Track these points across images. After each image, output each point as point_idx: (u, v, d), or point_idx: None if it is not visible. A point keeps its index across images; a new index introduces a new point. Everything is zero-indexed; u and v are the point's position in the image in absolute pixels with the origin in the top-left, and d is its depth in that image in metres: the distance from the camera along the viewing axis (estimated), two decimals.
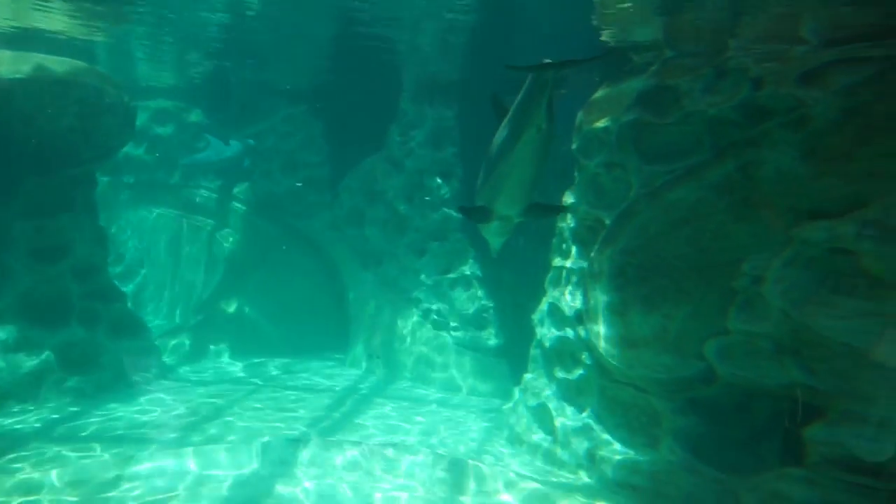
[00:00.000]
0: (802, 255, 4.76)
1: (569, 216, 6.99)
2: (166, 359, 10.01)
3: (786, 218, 4.95)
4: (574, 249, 6.89)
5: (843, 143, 4.67)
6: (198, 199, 12.45)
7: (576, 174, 6.93)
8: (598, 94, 6.66)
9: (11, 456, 6.07)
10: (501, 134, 5.57)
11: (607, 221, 6.20)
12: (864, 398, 4.29)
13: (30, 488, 5.42)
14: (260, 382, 9.65)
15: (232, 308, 11.56)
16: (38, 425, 7.18)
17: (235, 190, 12.31)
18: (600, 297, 6.09)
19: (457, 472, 5.93)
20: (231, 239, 11.94)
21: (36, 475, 5.63)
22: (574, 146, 6.77)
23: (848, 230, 4.50)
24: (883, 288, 4.35)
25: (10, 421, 7.30)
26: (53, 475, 5.62)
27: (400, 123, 10.81)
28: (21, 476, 5.61)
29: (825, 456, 4.29)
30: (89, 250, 9.02)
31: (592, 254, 6.25)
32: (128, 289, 11.25)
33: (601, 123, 6.31)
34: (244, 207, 12.15)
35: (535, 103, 5.22)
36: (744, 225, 5.19)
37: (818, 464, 4.30)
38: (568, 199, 7.05)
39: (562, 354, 6.87)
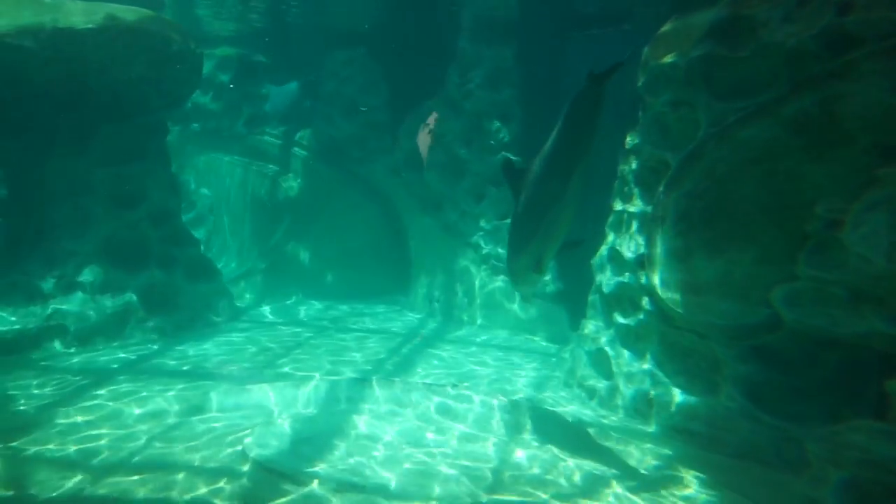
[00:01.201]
0: (893, 199, 4.43)
1: (630, 158, 6.76)
2: (237, 302, 10.50)
3: (869, 157, 4.60)
4: (636, 193, 6.68)
5: None
6: (262, 146, 12.72)
7: (640, 114, 6.65)
8: (666, 27, 6.28)
9: (101, 389, 6.58)
10: (541, 173, 5.02)
11: (672, 163, 5.96)
12: None
13: (117, 418, 5.88)
14: (325, 325, 10.01)
15: (297, 253, 11.94)
16: (123, 361, 7.73)
17: (297, 136, 12.49)
18: (663, 242, 5.91)
19: (515, 414, 6.02)
20: (295, 185, 12.20)
21: (121, 406, 6.09)
22: (639, 84, 6.48)
23: None
24: None
25: (99, 357, 7.89)
26: (137, 407, 6.07)
27: (459, 64, 10.59)
28: (109, 407, 6.08)
29: None
30: (163, 197, 9.43)
31: (656, 197, 6.04)
32: (199, 234, 11.73)
33: (669, 59, 5.98)
34: (306, 153, 12.34)
35: (587, 128, 4.74)
36: (821, 165, 4.85)
37: None
38: (631, 140, 6.80)
39: (621, 300, 6.77)
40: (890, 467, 4.05)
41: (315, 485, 4.70)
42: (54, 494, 4.60)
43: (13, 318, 8.03)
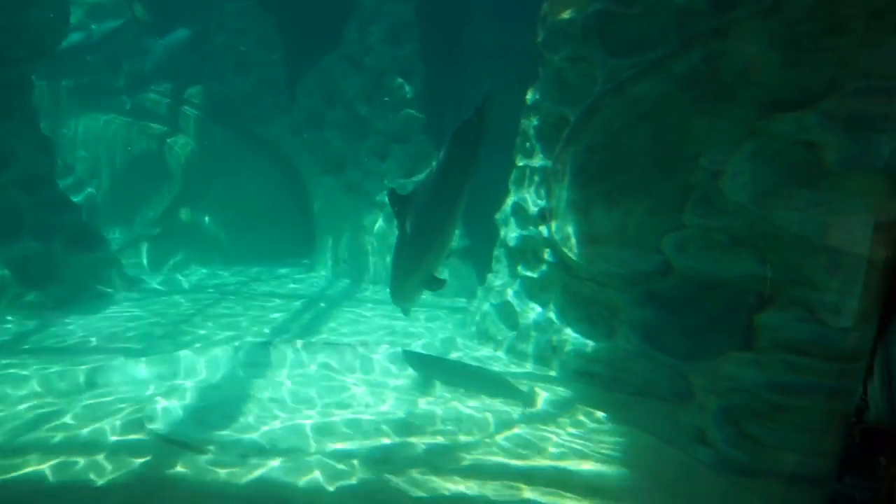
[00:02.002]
0: (766, 149, 4.78)
1: (531, 114, 6.87)
2: (128, 271, 9.85)
3: (748, 111, 4.92)
4: (538, 148, 6.82)
5: (815, 32, 4.57)
6: (147, 104, 11.82)
7: (540, 70, 6.74)
8: None
9: None
10: (429, 200, 5.37)
11: (571, 118, 6.10)
12: (813, 285, 4.47)
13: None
14: (226, 290, 9.64)
15: (192, 218, 11.32)
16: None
17: (186, 93, 11.70)
18: (563, 195, 6.11)
19: (424, 366, 6.10)
20: (186, 146, 11.48)
21: (4, 386, 5.61)
22: (539, 39, 6.55)
23: (813, 121, 4.51)
24: (835, 178, 4.44)
25: None
26: (17, 388, 5.61)
27: (358, 18, 10.26)
28: None
29: (773, 340, 4.52)
30: (34, 159, 8.59)
31: (556, 152, 6.19)
32: (80, 200, 10.85)
33: (566, 15, 6.07)
34: (197, 112, 11.61)
35: (470, 156, 5.17)
36: (705, 119, 5.16)
37: (766, 348, 4.54)
38: (532, 96, 6.90)
39: (525, 253, 6.96)
40: (754, 392, 4.50)
41: (220, 451, 4.57)
42: None
43: None
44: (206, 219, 11.34)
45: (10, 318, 7.82)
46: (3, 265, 8.02)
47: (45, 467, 4.39)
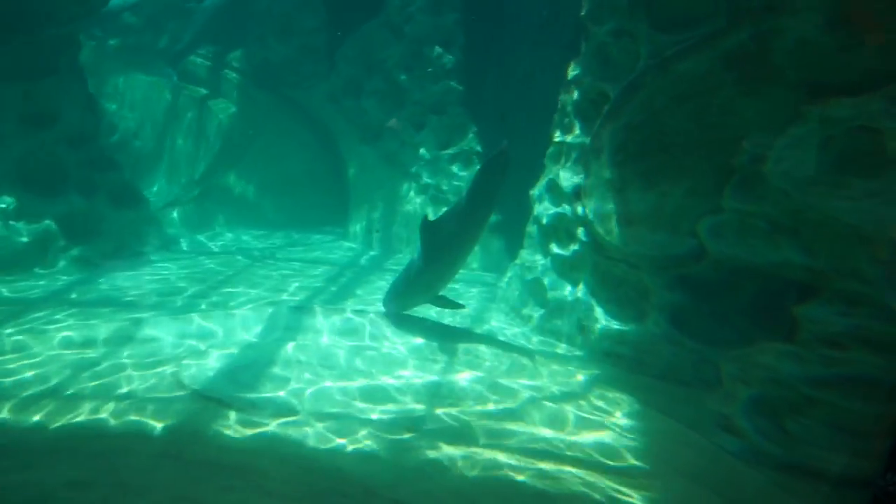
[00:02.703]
0: (817, 134, 4.56)
1: (571, 90, 6.75)
2: (167, 230, 10.10)
3: (796, 93, 4.73)
4: (576, 124, 6.72)
5: (879, 10, 4.34)
6: (189, 67, 11.98)
7: (582, 44, 6.59)
8: None
9: (23, 319, 6.28)
10: (456, 230, 5.97)
11: (612, 95, 5.97)
12: (862, 278, 4.31)
13: (43, 348, 5.65)
14: (259, 254, 9.82)
15: (230, 181, 11.52)
16: (45, 290, 7.37)
17: (229, 57, 11.80)
18: (600, 174, 6.01)
19: (453, 338, 6.15)
20: (226, 110, 11.62)
21: (47, 336, 5.84)
22: (583, 12, 6.40)
23: (878, 107, 4.26)
24: None
25: (17, 286, 7.49)
26: (64, 337, 5.84)
27: None
28: (34, 337, 5.82)
29: (815, 333, 4.38)
30: (80, 117, 8.83)
31: (595, 128, 6.08)
32: (123, 159, 11.11)
33: None
34: (238, 76, 11.72)
35: (495, 189, 5.92)
36: (751, 100, 4.97)
37: (808, 341, 4.40)
38: (573, 71, 6.77)
39: (558, 230, 6.91)
40: (793, 384, 4.40)
41: (251, 410, 4.71)
42: None
43: None
44: (243, 182, 11.53)
45: (56, 270, 8.12)
46: (51, 219, 8.30)
47: (84, 416, 4.59)
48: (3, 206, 8.03)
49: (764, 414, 4.49)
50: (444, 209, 7.50)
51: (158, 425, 4.49)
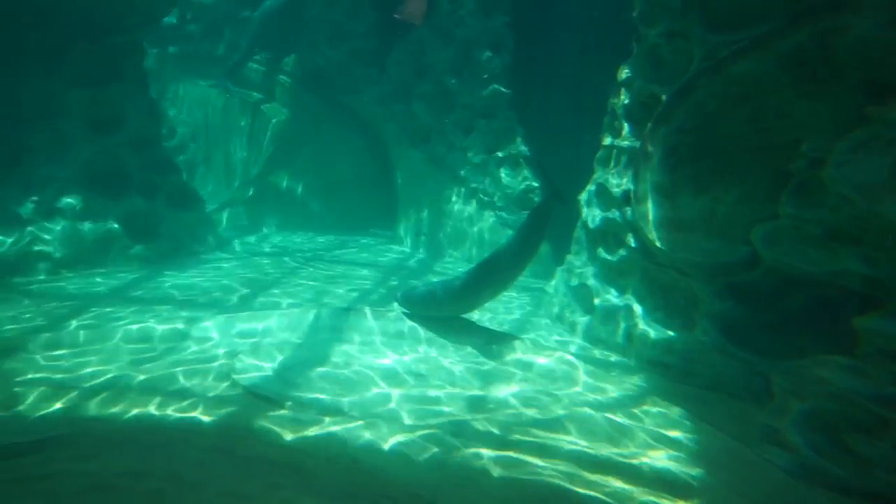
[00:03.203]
0: (881, 137, 4.38)
1: (622, 91, 6.66)
2: (221, 231, 10.43)
3: (858, 95, 4.54)
4: (626, 127, 6.62)
5: None
6: (245, 73, 12.35)
7: (633, 45, 6.50)
8: None
9: (86, 314, 6.60)
10: (502, 263, 6.31)
11: (664, 97, 5.87)
12: None
13: (102, 342, 5.92)
14: (309, 256, 10.02)
15: (281, 183, 11.81)
16: (107, 287, 7.72)
17: (282, 62, 12.11)
18: (650, 178, 5.89)
19: (500, 343, 6.15)
20: (279, 114, 11.93)
21: (107, 331, 6.12)
22: (635, 13, 6.31)
23: None
24: None
25: (82, 282, 7.87)
26: (123, 332, 6.11)
27: None
28: (95, 331, 6.10)
29: (880, 347, 4.17)
30: (143, 122, 9.20)
31: (645, 132, 5.98)
32: (181, 162, 11.54)
33: None
34: (291, 81, 12.01)
35: (541, 231, 6.36)
36: (809, 102, 4.79)
37: (871, 355, 4.19)
38: (623, 73, 6.68)
39: (606, 235, 6.81)
40: (853, 399, 4.20)
41: (299, 409, 4.82)
42: (43, 414, 4.68)
43: None
44: (294, 185, 11.81)
45: (117, 267, 8.50)
46: (114, 219, 8.68)
47: (141, 409, 4.78)
48: (71, 205, 8.44)
49: (818, 429, 4.31)
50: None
51: (211, 420, 4.64)
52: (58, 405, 4.78)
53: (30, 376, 5.21)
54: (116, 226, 8.67)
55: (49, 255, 8.12)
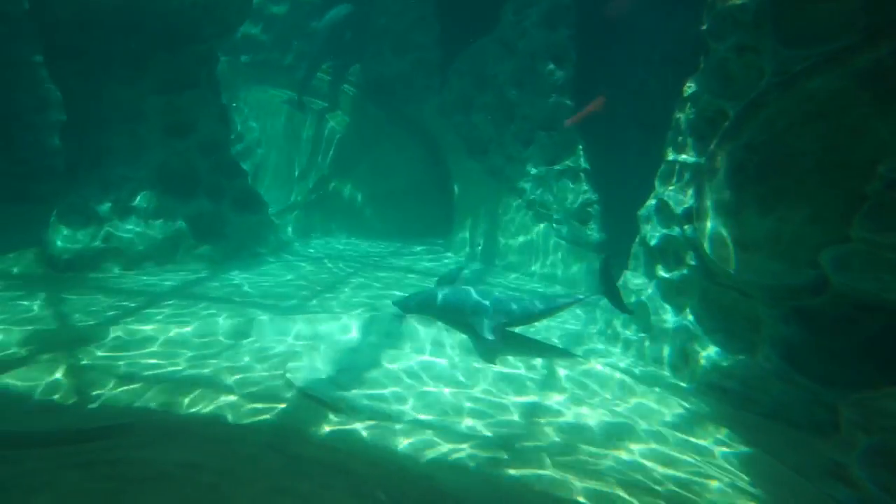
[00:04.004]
0: None
1: (688, 106, 6.51)
2: (281, 234, 10.72)
3: None
4: (690, 143, 6.47)
5: None
6: (312, 81, 12.69)
7: (701, 59, 6.35)
8: None
9: (153, 309, 6.91)
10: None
11: (731, 113, 5.71)
12: None
13: (167, 336, 6.17)
14: (366, 261, 10.19)
15: (341, 190, 12.07)
16: (174, 284, 8.06)
17: (347, 72, 12.40)
18: (714, 196, 5.73)
19: (552, 358, 6.08)
20: (342, 122, 12.20)
21: (172, 326, 6.38)
22: (704, 27, 6.17)
23: None
24: None
25: (150, 279, 8.25)
26: (186, 328, 6.36)
27: (515, 1, 10.26)
28: (160, 326, 6.38)
29: None
30: (213, 127, 9.58)
31: (711, 148, 5.83)
32: (247, 166, 11.94)
33: (738, 0, 5.66)
34: (355, 90, 12.27)
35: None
36: (888, 121, 4.57)
37: None
38: (689, 88, 6.54)
39: (665, 253, 6.66)
40: None
41: (350, 412, 4.89)
42: (109, 402, 4.92)
43: (72, 239, 8.41)
44: (353, 192, 12.05)
45: (183, 266, 8.86)
46: (182, 219, 9.06)
47: (197, 403, 4.96)
48: (144, 204, 8.86)
49: (886, 466, 4.07)
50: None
51: (265, 419, 4.77)
52: (122, 395, 5.02)
53: (99, 367, 5.49)
54: (184, 226, 9.04)
55: (123, 252, 8.54)
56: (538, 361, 5.97)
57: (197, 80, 9.36)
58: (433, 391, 5.38)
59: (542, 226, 10.04)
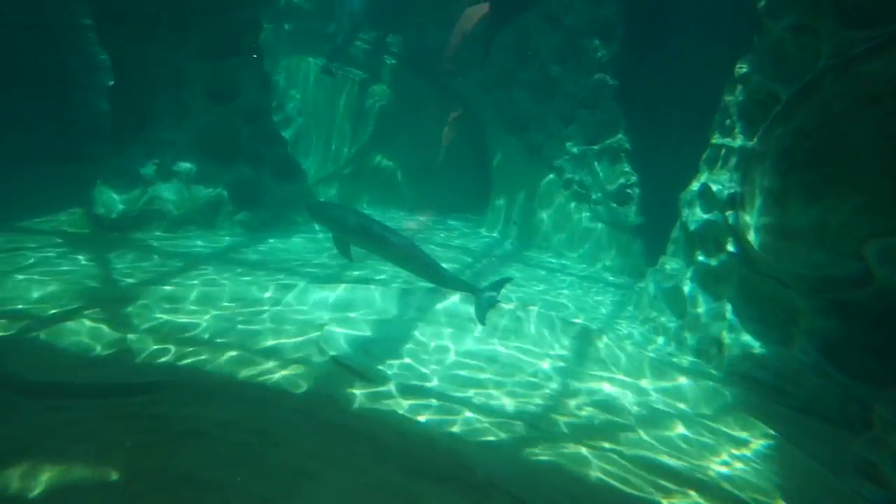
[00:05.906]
0: None
1: (738, 88, 6.30)
2: None
3: None
4: (738, 127, 6.28)
5: None
6: (352, 51, 12.64)
7: (755, 39, 6.13)
8: None
9: (193, 272, 7.08)
10: None
11: (783, 96, 5.51)
12: None
13: (206, 299, 6.34)
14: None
15: (380, 162, 12.08)
16: (214, 249, 8.23)
17: (388, 42, 12.32)
18: (760, 181, 5.58)
19: (582, 339, 6.06)
20: (383, 93, 12.17)
21: (211, 289, 6.55)
22: (760, 5, 5.93)
23: None
24: None
25: (192, 242, 8.44)
26: (225, 291, 6.51)
27: None
28: (200, 288, 6.55)
29: None
30: (256, 94, 9.64)
31: (760, 132, 5.65)
32: (287, 135, 12.03)
33: None
34: (395, 62, 12.20)
35: None
36: None
37: None
38: (740, 69, 6.32)
39: (705, 239, 6.52)
40: None
41: (380, 382, 4.97)
42: (151, 360, 5.09)
43: (118, 200, 8.64)
44: (390, 165, 12.05)
45: (222, 231, 9.04)
46: (223, 185, 9.21)
47: (234, 365, 5.10)
48: (187, 169, 9.02)
49: None
50: None
51: (298, 384, 4.88)
52: (163, 352, 5.19)
53: (142, 325, 5.68)
54: (225, 192, 9.18)
55: (165, 215, 8.74)
56: (567, 342, 5.95)
57: (240, 46, 9.40)
58: (464, 366, 5.42)
59: (579, 205, 9.92)
